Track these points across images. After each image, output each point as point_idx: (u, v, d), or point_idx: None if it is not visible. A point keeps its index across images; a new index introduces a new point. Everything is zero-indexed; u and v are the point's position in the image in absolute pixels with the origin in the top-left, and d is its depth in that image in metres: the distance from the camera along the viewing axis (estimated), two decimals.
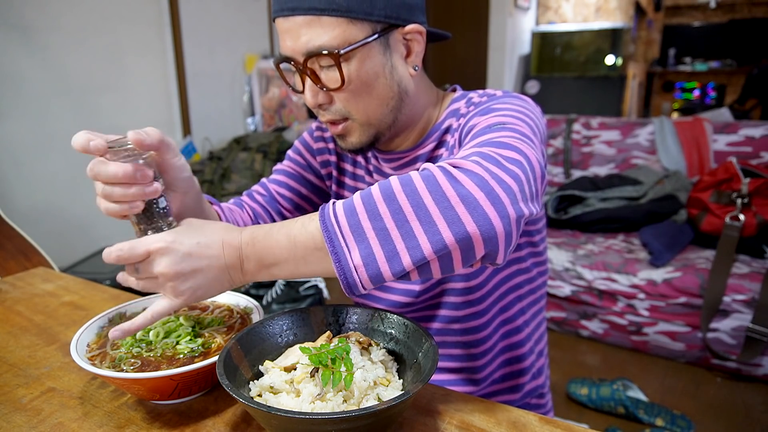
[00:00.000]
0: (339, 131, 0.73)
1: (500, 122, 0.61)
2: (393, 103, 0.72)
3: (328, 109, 0.71)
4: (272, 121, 3.98)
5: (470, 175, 0.48)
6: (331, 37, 0.64)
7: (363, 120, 0.71)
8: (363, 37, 0.65)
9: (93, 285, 0.97)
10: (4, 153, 2.47)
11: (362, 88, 0.68)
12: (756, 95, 5.88)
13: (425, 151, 0.79)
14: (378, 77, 0.68)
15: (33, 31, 2.52)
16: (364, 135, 0.73)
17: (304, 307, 0.64)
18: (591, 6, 5.92)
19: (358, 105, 0.70)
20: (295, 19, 0.64)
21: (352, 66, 0.66)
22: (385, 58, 0.68)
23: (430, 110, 0.79)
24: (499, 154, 0.52)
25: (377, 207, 0.48)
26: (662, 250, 2.04)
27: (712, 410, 1.70)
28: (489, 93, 0.75)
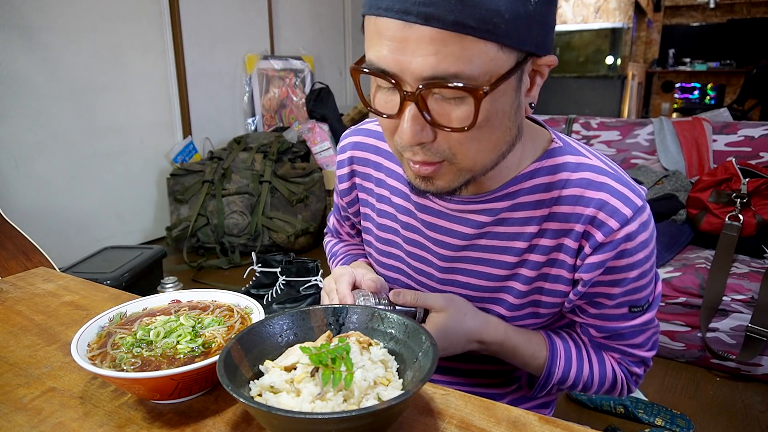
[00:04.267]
0: (431, 172, 0.58)
1: (647, 311, 0.72)
2: (505, 147, 0.59)
3: (427, 148, 0.55)
4: (272, 121, 3.98)
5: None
6: (472, 65, 0.48)
7: (467, 165, 0.57)
8: (507, 69, 0.50)
9: (93, 285, 0.97)
10: (4, 153, 2.47)
11: (487, 131, 0.54)
12: (755, 95, 5.88)
13: (500, 206, 0.68)
14: (503, 118, 0.55)
15: (33, 31, 2.52)
16: (457, 180, 0.59)
17: (304, 307, 0.65)
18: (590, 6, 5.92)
19: (471, 149, 0.55)
20: (421, 29, 0.47)
21: (485, 105, 0.51)
22: (516, 95, 0.54)
23: (513, 154, 0.65)
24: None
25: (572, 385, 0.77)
26: (662, 250, 2.04)
27: (711, 410, 1.70)
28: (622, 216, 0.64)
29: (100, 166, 2.92)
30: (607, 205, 0.64)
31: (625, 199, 0.64)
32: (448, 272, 0.75)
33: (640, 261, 0.66)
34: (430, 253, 0.75)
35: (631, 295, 0.69)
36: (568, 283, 0.70)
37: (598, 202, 0.65)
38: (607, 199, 0.64)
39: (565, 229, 0.67)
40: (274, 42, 3.97)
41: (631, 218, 0.64)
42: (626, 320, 0.72)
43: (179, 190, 3.08)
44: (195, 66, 3.35)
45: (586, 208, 0.65)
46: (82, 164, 2.83)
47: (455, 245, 0.73)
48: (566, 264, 0.69)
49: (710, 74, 7.76)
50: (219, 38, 3.52)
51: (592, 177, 0.66)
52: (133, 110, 3.06)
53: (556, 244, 0.68)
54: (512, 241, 0.70)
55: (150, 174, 3.24)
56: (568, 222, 0.67)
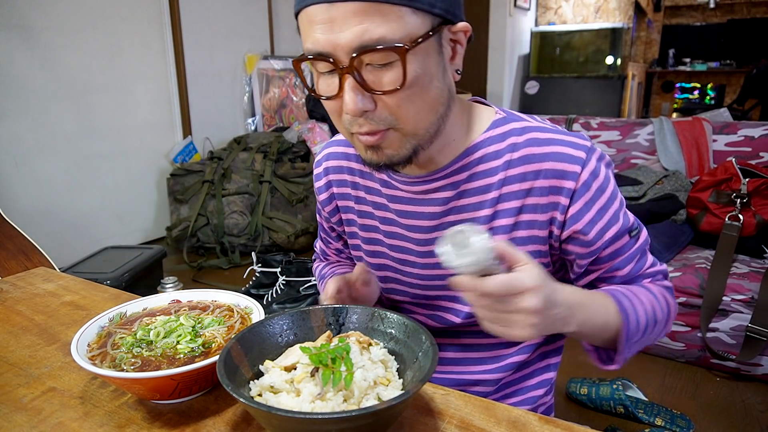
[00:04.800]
0: (375, 141, 0.62)
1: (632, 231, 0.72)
2: (441, 110, 0.64)
3: (370, 118, 0.60)
4: (272, 121, 3.98)
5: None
6: (392, 29, 0.55)
7: (410, 129, 0.62)
8: (425, 32, 0.57)
9: (93, 285, 0.97)
10: (4, 153, 2.47)
11: (419, 91, 0.59)
12: (755, 95, 5.89)
13: (458, 179, 0.71)
14: (432, 79, 0.60)
15: (33, 31, 2.52)
16: (404, 147, 0.63)
17: (304, 307, 0.65)
18: (590, 6, 5.92)
19: (409, 111, 0.60)
20: (344, 6, 0.54)
21: (411, 65, 0.57)
22: (439, 58, 0.60)
23: (458, 125, 0.70)
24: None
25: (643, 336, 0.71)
26: (662, 250, 2.04)
27: (711, 410, 1.70)
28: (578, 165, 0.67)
29: (100, 166, 2.92)
30: (560, 154, 0.68)
31: (573, 144, 0.69)
32: (427, 256, 0.77)
33: (614, 192, 0.70)
34: (407, 240, 0.77)
35: (626, 224, 0.72)
36: (543, 241, 0.72)
37: (551, 155, 0.68)
38: (559, 150, 0.68)
39: (525, 189, 0.69)
40: (274, 42, 3.97)
41: (587, 158, 0.68)
42: (633, 246, 0.73)
43: (179, 190, 3.09)
44: (195, 66, 3.35)
45: (541, 164, 0.68)
46: (82, 164, 2.83)
47: (427, 227, 0.75)
48: (537, 222, 0.70)
49: (710, 74, 7.76)
50: (219, 38, 3.52)
51: (537, 135, 0.70)
52: (133, 110, 3.06)
53: (520, 205, 0.70)
54: (477, 211, 0.72)
55: (150, 174, 3.24)
56: (525, 181, 0.69)
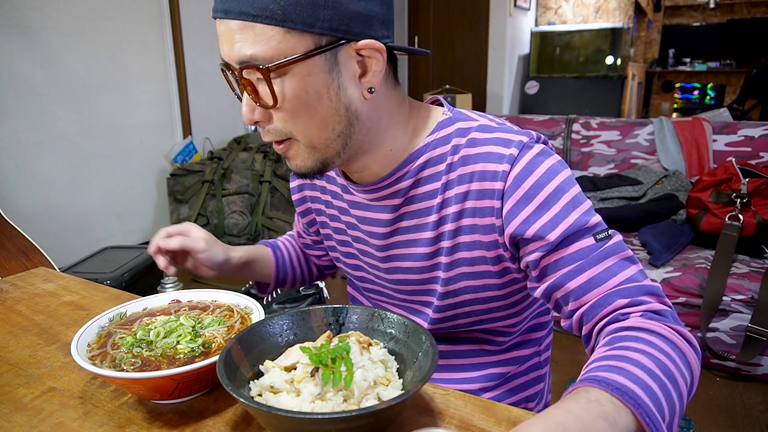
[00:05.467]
0: (281, 150, 0.65)
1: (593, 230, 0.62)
2: (340, 128, 0.63)
3: (267, 129, 0.63)
4: None
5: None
6: (264, 48, 0.56)
7: (306, 143, 0.63)
8: (302, 51, 0.57)
9: (93, 285, 0.97)
10: (4, 153, 2.47)
11: (300, 108, 0.60)
12: (755, 95, 5.89)
13: (404, 186, 0.71)
14: (320, 98, 0.60)
15: (33, 31, 2.52)
16: (309, 159, 0.65)
17: (304, 307, 0.65)
18: (590, 6, 5.92)
19: (297, 126, 0.62)
20: (228, 23, 0.57)
21: (287, 83, 0.58)
22: (330, 77, 0.59)
23: (399, 135, 0.69)
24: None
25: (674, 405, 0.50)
26: (661, 250, 2.04)
27: (711, 410, 1.70)
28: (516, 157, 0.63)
29: (100, 166, 2.92)
30: (492, 154, 0.65)
31: (507, 142, 0.65)
32: (386, 261, 0.77)
33: (560, 187, 0.63)
34: (368, 245, 0.78)
35: (579, 221, 0.61)
36: (489, 246, 0.67)
37: (482, 155, 0.66)
38: (490, 149, 0.66)
39: (462, 192, 0.67)
40: None
41: (519, 154, 0.64)
42: (597, 249, 0.61)
43: (179, 190, 3.08)
44: (195, 66, 3.35)
45: (474, 165, 0.66)
46: (82, 164, 2.83)
47: (382, 233, 0.75)
48: (478, 227, 0.67)
49: (710, 74, 7.76)
50: None
51: (477, 135, 0.67)
52: (133, 110, 3.06)
53: (460, 209, 0.68)
54: (425, 217, 0.71)
55: (150, 174, 3.24)
56: (462, 184, 0.67)
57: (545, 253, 0.63)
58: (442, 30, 4.91)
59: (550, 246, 0.62)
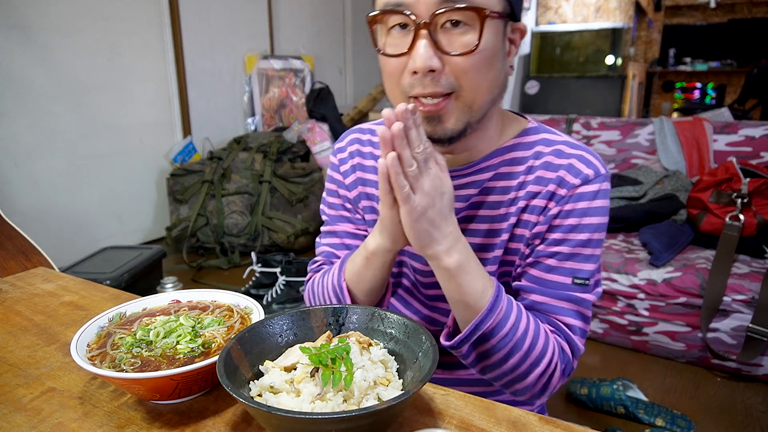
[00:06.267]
0: (437, 109, 0.63)
1: (588, 273, 0.70)
2: (495, 94, 0.66)
3: (435, 79, 0.62)
4: (272, 121, 3.98)
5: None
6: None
7: (469, 98, 0.64)
8: (500, 10, 0.61)
9: (93, 285, 0.97)
10: (4, 153, 2.47)
11: (485, 63, 0.62)
12: (756, 95, 5.89)
13: (482, 177, 0.73)
14: (496, 58, 0.63)
15: (33, 31, 2.52)
16: (461, 120, 0.65)
17: (304, 308, 0.64)
18: (591, 6, 5.92)
19: (474, 80, 0.62)
20: None
21: (486, 33, 0.60)
22: (503, 43, 0.65)
23: (496, 126, 0.73)
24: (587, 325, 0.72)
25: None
26: (662, 250, 2.04)
27: (712, 410, 1.70)
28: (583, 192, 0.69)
29: (100, 166, 2.92)
30: (573, 167, 0.70)
31: (590, 163, 0.71)
32: None
33: (590, 227, 0.70)
34: None
35: (575, 263, 0.70)
36: (526, 242, 0.73)
37: (567, 166, 0.71)
38: (573, 163, 0.71)
39: (535, 192, 0.72)
40: (274, 42, 3.97)
41: (592, 179, 0.70)
42: (567, 290, 0.70)
43: (179, 190, 3.08)
44: (195, 66, 3.35)
45: (556, 172, 0.71)
46: (82, 164, 2.82)
47: None
48: (530, 223, 0.72)
49: (711, 74, 7.76)
50: (219, 38, 3.52)
51: (564, 148, 0.73)
52: (133, 110, 3.06)
53: (525, 206, 0.73)
54: (495, 209, 0.74)
55: (150, 174, 3.24)
56: (538, 185, 0.72)
57: (532, 262, 0.72)
58: None
59: (539, 255, 0.71)
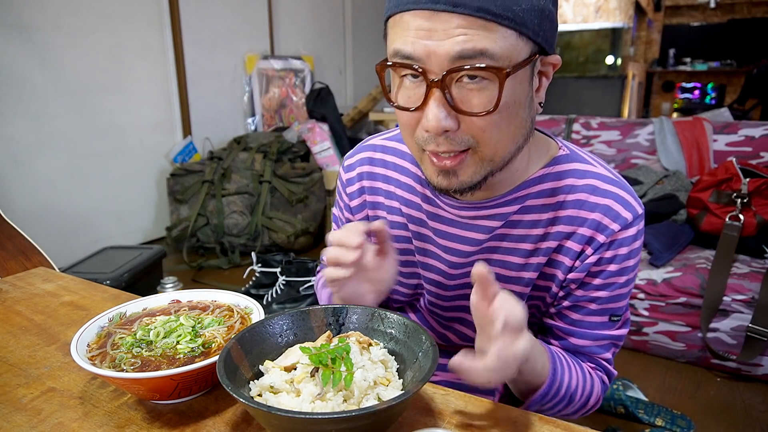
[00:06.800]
0: (453, 165, 0.59)
1: (619, 316, 0.72)
2: (521, 140, 0.61)
3: (450, 138, 0.57)
4: (272, 121, 3.98)
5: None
6: (497, 46, 0.52)
7: (489, 154, 0.59)
8: (524, 58, 0.55)
9: (93, 285, 0.97)
10: (4, 153, 2.47)
11: (506, 118, 0.57)
12: (756, 95, 5.89)
13: (508, 210, 0.69)
14: (521, 107, 0.58)
15: (33, 31, 2.52)
16: (479, 173, 0.61)
17: (304, 308, 0.64)
18: (591, 6, 5.92)
19: (493, 136, 0.58)
20: (449, 16, 0.52)
21: (508, 88, 0.55)
22: (530, 87, 0.58)
23: (523, 158, 0.67)
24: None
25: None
26: (662, 250, 2.04)
27: (712, 410, 1.70)
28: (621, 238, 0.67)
29: (100, 166, 2.92)
30: (611, 210, 0.67)
31: (628, 205, 0.68)
32: (457, 278, 0.75)
33: (629, 268, 0.69)
34: (441, 261, 0.75)
35: (614, 303, 0.71)
36: (559, 283, 0.71)
37: (603, 208, 0.67)
38: (611, 205, 0.67)
39: (568, 232, 0.69)
40: (274, 42, 3.97)
41: (631, 222, 0.67)
42: (604, 329, 0.72)
43: (179, 190, 3.08)
44: (195, 66, 3.35)
45: (591, 213, 0.68)
46: (82, 164, 2.82)
47: (466, 251, 0.73)
48: (563, 265, 0.70)
49: (711, 74, 7.76)
50: (219, 38, 3.52)
51: (598, 184, 0.69)
52: (133, 110, 3.06)
53: (557, 246, 0.70)
54: (520, 243, 0.71)
55: (150, 174, 3.24)
56: (572, 225, 0.69)
57: (571, 305, 0.72)
58: None
59: (578, 300, 0.71)
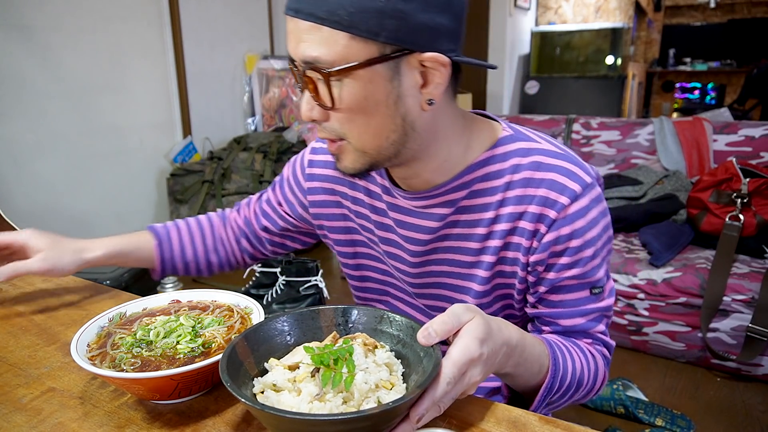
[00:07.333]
0: (333, 150, 0.66)
1: (598, 287, 0.72)
2: (394, 137, 0.63)
3: (323, 126, 0.64)
4: (272, 121, 3.98)
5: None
6: (328, 52, 0.57)
7: (357, 146, 0.64)
8: (365, 59, 0.57)
9: (93, 285, 0.97)
10: (4, 153, 2.47)
11: (357, 113, 0.61)
12: (756, 95, 5.88)
13: (457, 196, 0.71)
14: (378, 106, 0.60)
15: (33, 31, 2.52)
16: (358, 162, 0.66)
17: (304, 308, 0.64)
18: (591, 6, 5.92)
19: (352, 130, 0.63)
20: (298, 21, 0.58)
21: (346, 88, 0.59)
22: (391, 86, 0.60)
23: (454, 146, 0.69)
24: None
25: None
26: (662, 250, 2.04)
27: (712, 410, 1.70)
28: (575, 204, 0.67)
29: (100, 166, 2.92)
30: (556, 183, 0.68)
31: (573, 176, 0.68)
32: (419, 266, 0.78)
33: (594, 239, 0.69)
34: (402, 249, 0.78)
35: (590, 276, 0.71)
36: (523, 266, 0.72)
37: (548, 182, 0.68)
38: (555, 178, 0.68)
39: (520, 212, 0.70)
40: (274, 42, 3.97)
41: (581, 194, 0.67)
42: (589, 303, 0.72)
43: (179, 190, 3.08)
44: (195, 66, 3.35)
45: (537, 189, 0.68)
46: (82, 164, 2.82)
47: (423, 240, 0.75)
48: (522, 247, 0.71)
49: (711, 74, 7.76)
50: (219, 38, 3.52)
51: (542, 159, 0.69)
52: (133, 110, 3.06)
53: (511, 227, 0.71)
54: (473, 228, 0.73)
55: (150, 174, 3.23)
56: (522, 204, 0.69)
57: (548, 289, 0.71)
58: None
59: (553, 283, 0.70)
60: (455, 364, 0.52)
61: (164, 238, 0.94)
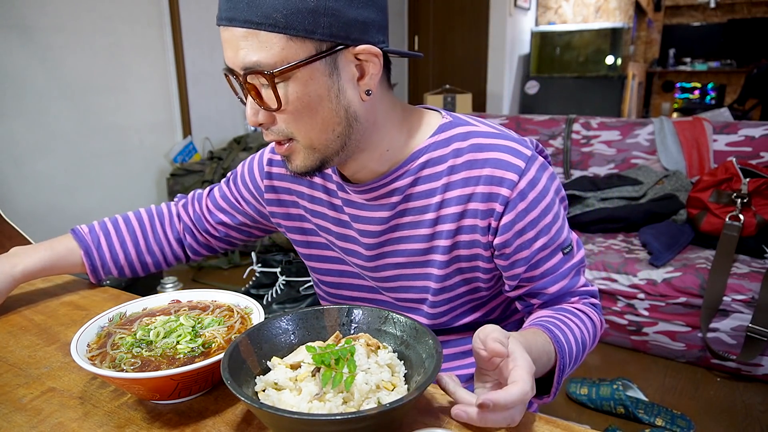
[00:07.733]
0: (283, 152, 0.68)
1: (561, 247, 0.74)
2: (339, 129, 0.66)
3: (270, 129, 0.66)
4: None
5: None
6: (268, 54, 0.59)
7: (306, 143, 0.66)
8: (304, 57, 0.60)
9: (93, 285, 0.97)
10: (4, 153, 2.47)
11: (303, 111, 0.63)
12: (756, 95, 5.89)
13: (403, 184, 0.73)
14: (322, 101, 0.63)
15: (33, 31, 2.52)
16: (309, 159, 0.68)
17: (318, 307, 0.65)
18: (591, 6, 5.92)
19: (300, 128, 0.65)
20: (233, 30, 0.60)
21: (290, 87, 0.61)
22: (331, 81, 0.62)
23: (395, 135, 0.72)
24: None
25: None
26: (662, 250, 2.04)
27: (711, 410, 1.70)
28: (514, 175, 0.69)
29: (100, 166, 2.92)
30: (500, 161, 0.70)
31: (514, 151, 0.70)
32: (375, 259, 0.79)
33: (549, 205, 0.71)
34: (358, 244, 0.80)
35: (557, 240, 0.73)
36: (485, 247, 0.73)
37: (492, 162, 0.70)
38: (498, 156, 0.70)
39: (467, 194, 0.71)
40: None
41: (525, 168, 0.70)
42: (564, 264, 0.75)
43: (179, 190, 3.08)
44: (195, 66, 3.35)
45: (482, 170, 0.70)
46: (82, 164, 2.82)
47: (375, 231, 0.77)
48: (478, 227, 0.72)
49: (711, 74, 7.75)
50: (219, 38, 3.51)
51: (481, 141, 0.72)
52: (133, 110, 3.06)
53: (462, 210, 0.72)
54: (422, 215, 0.74)
55: (150, 174, 3.23)
56: (468, 186, 0.71)
57: (526, 268, 0.73)
58: (442, 30, 4.91)
59: (528, 261, 0.72)
60: (525, 393, 0.52)
61: (92, 245, 0.92)
